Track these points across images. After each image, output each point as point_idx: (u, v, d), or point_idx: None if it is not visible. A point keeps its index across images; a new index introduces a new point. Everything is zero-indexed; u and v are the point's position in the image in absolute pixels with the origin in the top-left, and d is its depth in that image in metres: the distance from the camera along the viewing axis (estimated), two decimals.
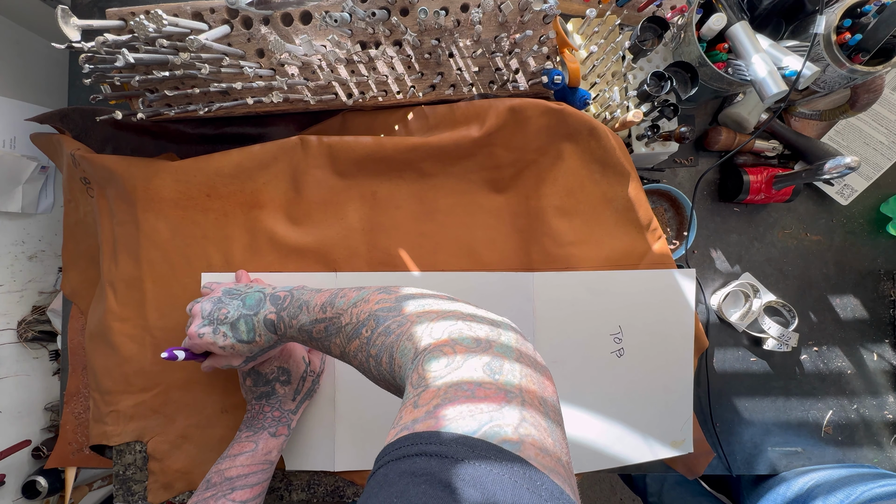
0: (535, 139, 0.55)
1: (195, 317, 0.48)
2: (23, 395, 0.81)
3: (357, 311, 0.36)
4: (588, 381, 0.59)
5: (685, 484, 0.85)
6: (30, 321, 0.84)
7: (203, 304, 0.48)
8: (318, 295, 0.42)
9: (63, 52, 0.45)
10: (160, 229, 0.57)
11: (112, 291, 0.58)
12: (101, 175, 0.58)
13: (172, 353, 0.47)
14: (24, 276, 0.84)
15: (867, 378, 0.67)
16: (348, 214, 0.58)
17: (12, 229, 0.81)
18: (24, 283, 0.85)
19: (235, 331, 0.45)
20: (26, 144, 0.75)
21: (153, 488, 0.58)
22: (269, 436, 0.51)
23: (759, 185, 0.63)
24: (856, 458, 0.67)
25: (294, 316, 0.42)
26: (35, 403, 0.84)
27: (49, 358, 0.87)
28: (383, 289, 0.38)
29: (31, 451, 0.81)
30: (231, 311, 0.46)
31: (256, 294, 0.47)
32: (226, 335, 0.45)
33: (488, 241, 0.59)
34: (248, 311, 0.46)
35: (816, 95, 0.61)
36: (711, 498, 0.79)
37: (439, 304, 0.34)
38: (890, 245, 0.68)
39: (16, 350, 0.82)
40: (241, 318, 0.45)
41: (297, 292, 0.45)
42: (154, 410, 0.59)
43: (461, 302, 0.35)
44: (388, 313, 0.34)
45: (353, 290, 0.39)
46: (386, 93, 0.57)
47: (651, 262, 0.60)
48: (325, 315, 0.39)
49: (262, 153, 0.57)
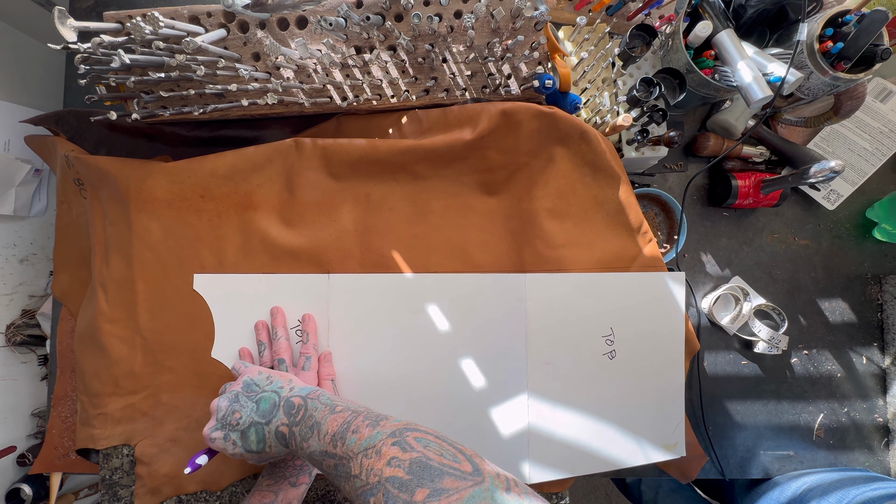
0: (526, 142, 0.55)
1: (211, 415, 0.46)
2: (9, 400, 0.80)
3: (367, 466, 0.33)
4: (580, 382, 0.59)
5: (680, 491, 0.84)
6: (19, 325, 0.83)
7: (220, 401, 0.46)
8: (332, 418, 0.39)
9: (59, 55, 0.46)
10: (153, 230, 0.57)
11: (103, 292, 0.58)
12: (95, 176, 0.58)
13: (196, 465, 0.45)
14: (14, 280, 0.84)
15: (857, 381, 0.68)
16: (342, 216, 0.58)
17: (4, 232, 0.81)
18: (15, 286, 0.84)
19: (245, 440, 0.43)
20: (20, 147, 0.75)
21: (140, 493, 0.57)
22: (289, 486, 0.50)
23: (747, 189, 0.64)
24: (847, 461, 0.67)
25: (305, 438, 0.40)
26: (21, 409, 0.83)
27: (37, 363, 0.86)
28: (398, 432, 0.35)
29: (15, 457, 0.80)
30: (244, 416, 0.44)
31: (272, 397, 0.45)
32: (235, 443, 0.44)
33: (481, 243, 0.59)
34: (261, 418, 0.44)
35: (801, 102, 0.62)
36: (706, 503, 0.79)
37: (461, 481, 0.30)
38: (876, 249, 0.69)
39: (3, 354, 0.81)
40: (252, 426, 0.44)
41: (311, 403, 0.43)
42: (143, 413, 0.58)
43: (489, 465, 0.32)
44: (399, 492, 0.30)
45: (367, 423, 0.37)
46: (380, 96, 0.58)
47: (642, 265, 0.61)
48: (334, 450, 0.37)
49: (257, 155, 0.57)
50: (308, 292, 0.58)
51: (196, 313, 0.58)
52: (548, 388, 0.59)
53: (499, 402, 0.58)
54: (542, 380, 0.59)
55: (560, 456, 0.59)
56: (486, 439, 0.58)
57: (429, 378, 0.58)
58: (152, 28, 0.46)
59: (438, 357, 0.58)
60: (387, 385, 0.57)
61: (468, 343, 0.58)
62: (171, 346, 0.58)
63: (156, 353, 0.58)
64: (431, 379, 0.58)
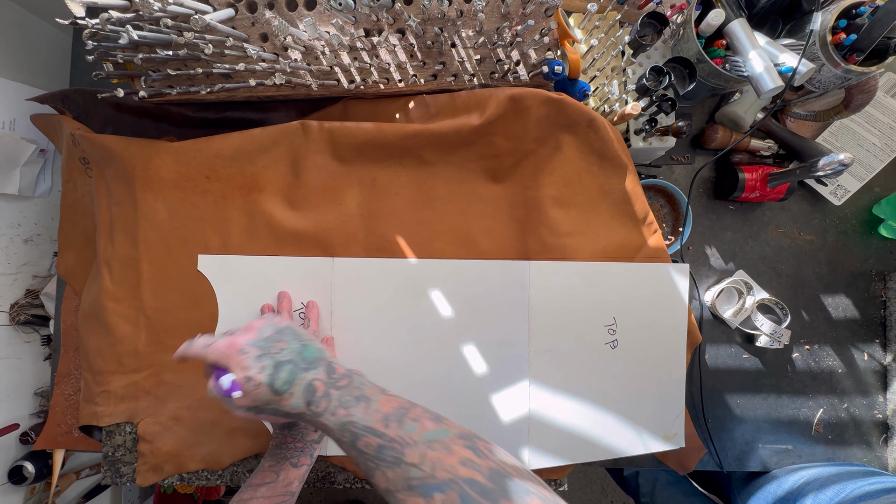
0: (534, 129, 0.55)
1: (250, 330, 0.42)
2: (13, 378, 0.81)
3: (434, 459, 0.31)
4: (582, 370, 0.59)
5: (677, 484, 0.84)
6: (22, 304, 0.83)
7: (264, 325, 0.43)
8: (384, 398, 0.37)
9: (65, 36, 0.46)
10: (158, 210, 0.57)
11: (108, 271, 0.58)
12: (101, 155, 0.58)
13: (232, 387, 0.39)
14: (18, 259, 0.84)
15: (857, 377, 0.68)
16: (347, 200, 0.58)
17: (9, 211, 0.81)
18: (19, 266, 0.84)
19: (276, 372, 0.39)
20: (26, 127, 0.75)
21: (142, 470, 0.58)
22: (290, 466, 0.49)
23: (754, 182, 0.64)
24: (846, 456, 0.67)
25: (345, 405, 0.37)
26: (25, 388, 0.83)
27: (41, 343, 0.86)
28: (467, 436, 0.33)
29: (18, 435, 0.80)
30: (287, 350, 0.41)
31: (318, 351, 0.42)
32: (263, 370, 0.39)
33: (485, 230, 0.59)
34: (301, 361, 0.40)
35: (812, 96, 0.62)
36: (703, 498, 0.79)
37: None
38: (881, 246, 0.69)
39: (7, 333, 0.81)
40: (290, 363, 0.40)
41: (356, 378, 0.40)
42: (146, 391, 0.58)
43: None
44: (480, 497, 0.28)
45: (428, 416, 0.35)
46: (388, 80, 0.58)
47: (646, 255, 0.61)
48: (385, 430, 0.34)
49: (263, 137, 0.57)
50: (312, 275, 0.58)
51: (200, 293, 0.58)
52: (549, 375, 0.59)
53: (500, 388, 0.58)
54: (543, 367, 0.59)
55: (559, 443, 0.59)
56: (487, 425, 0.58)
57: (430, 363, 0.58)
58: (161, 5, 0.46)
59: (441, 342, 0.58)
60: (388, 369, 0.58)
61: (471, 329, 0.58)
62: (175, 325, 0.58)
63: (159, 332, 0.58)
64: (433, 364, 0.58)
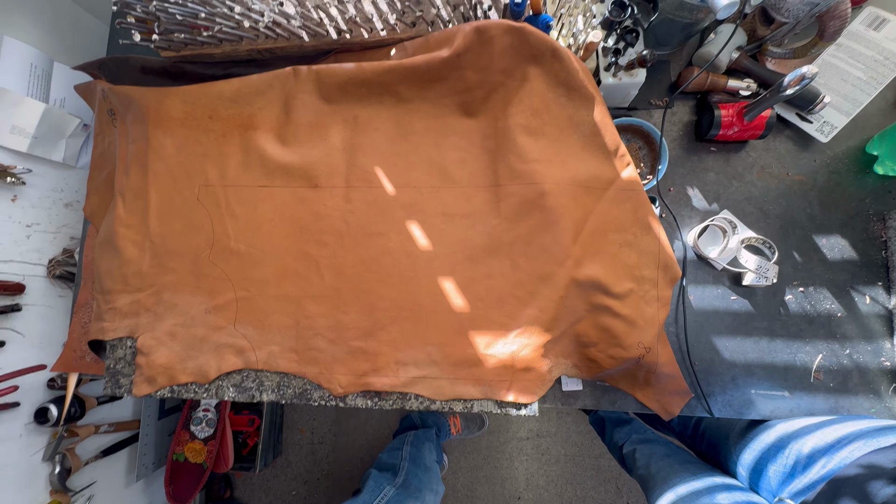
0: (500, 60, 0.58)
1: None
2: (45, 326, 0.89)
3: None
4: None
5: (674, 454, 0.81)
6: (59, 260, 0.93)
7: None
8: None
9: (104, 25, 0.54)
10: (167, 145, 0.64)
11: (121, 200, 0.65)
12: (123, 103, 0.67)
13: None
14: (59, 220, 0.94)
15: (860, 322, 0.64)
16: (331, 136, 0.64)
17: (54, 177, 0.92)
18: (59, 226, 0.94)
19: None
20: (74, 104, 0.87)
21: (138, 381, 0.62)
22: None
23: (730, 118, 0.64)
24: (850, 406, 0.62)
25: None
26: (56, 338, 0.91)
27: (72, 299, 0.95)
28: None
29: (46, 381, 0.88)
30: None
31: None
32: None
33: (458, 161, 0.62)
34: None
35: (786, 28, 0.62)
36: (700, 463, 0.75)
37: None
38: (878, 185, 0.66)
39: (44, 285, 0.90)
40: None
41: None
42: (146, 309, 0.64)
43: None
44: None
45: None
46: (371, 30, 0.64)
47: (619, 188, 0.61)
48: None
49: (260, 81, 0.64)
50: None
51: (199, 221, 0.64)
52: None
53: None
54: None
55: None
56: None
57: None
58: None
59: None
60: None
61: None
62: (175, 249, 0.64)
63: (161, 255, 0.64)
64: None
